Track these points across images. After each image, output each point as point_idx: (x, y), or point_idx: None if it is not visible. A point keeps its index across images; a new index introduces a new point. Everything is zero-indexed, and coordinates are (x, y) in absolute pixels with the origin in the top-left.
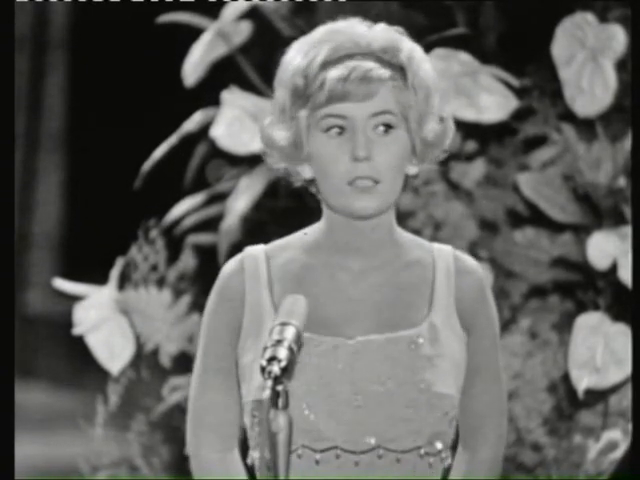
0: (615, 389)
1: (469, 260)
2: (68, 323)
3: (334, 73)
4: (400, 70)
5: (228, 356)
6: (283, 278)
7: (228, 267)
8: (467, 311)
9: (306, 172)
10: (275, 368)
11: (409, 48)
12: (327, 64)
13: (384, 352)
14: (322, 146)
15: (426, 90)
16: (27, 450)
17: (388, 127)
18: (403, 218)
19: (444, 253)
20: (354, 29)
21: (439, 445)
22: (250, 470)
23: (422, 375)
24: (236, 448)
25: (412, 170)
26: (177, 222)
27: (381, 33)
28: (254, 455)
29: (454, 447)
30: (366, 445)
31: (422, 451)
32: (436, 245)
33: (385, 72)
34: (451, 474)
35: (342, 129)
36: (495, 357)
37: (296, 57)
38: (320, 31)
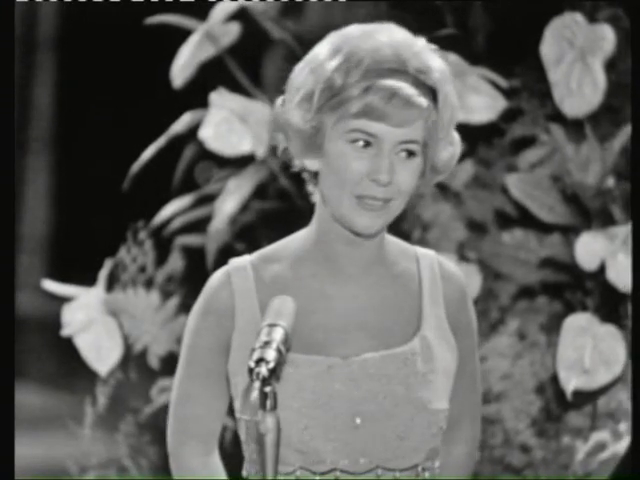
0: (603, 390)
1: (452, 266)
2: (57, 324)
3: (377, 89)
4: (431, 92)
5: (213, 367)
6: (272, 292)
7: (215, 280)
8: (453, 317)
9: (312, 165)
10: (263, 370)
11: (442, 70)
12: (369, 74)
13: (379, 370)
14: (343, 154)
15: (451, 114)
16: (16, 451)
17: (411, 154)
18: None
19: (428, 261)
20: (395, 39)
21: (436, 460)
22: None
23: (418, 392)
24: (216, 451)
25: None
26: (165, 224)
27: (418, 50)
28: (250, 469)
29: None
30: (365, 466)
31: (420, 468)
32: (420, 251)
33: (424, 101)
34: None
35: (368, 144)
36: (474, 361)
37: (335, 54)
38: (360, 31)
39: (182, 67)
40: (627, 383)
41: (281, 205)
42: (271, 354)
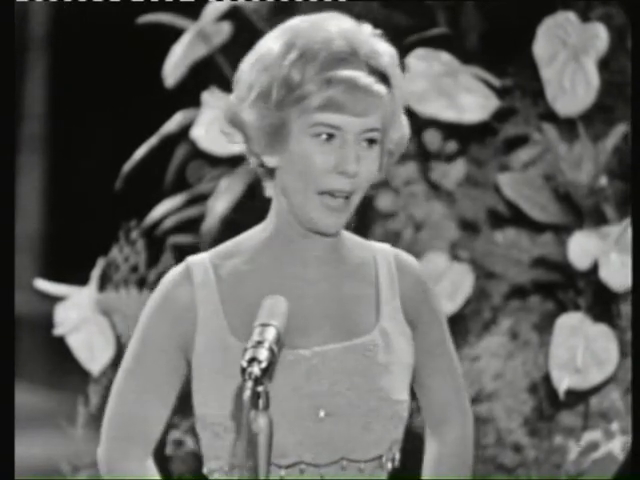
0: (596, 390)
1: (409, 258)
2: (49, 324)
3: (336, 81)
4: (384, 79)
5: (164, 366)
6: (233, 289)
7: (174, 275)
8: (411, 308)
9: (271, 161)
10: (255, 369)
11: (390, 54)
12: (326, 66)
13: (342, 362)
14: (307, 149)
15: (401, 96)
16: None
17: (373, 142)
18: (383, 219)
19: (385, 253)
20: (346, 29)
21: (397, 450)
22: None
23: (380, 383)
24: (151, 458)
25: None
26: (158, 223)
27: (367, 37)
28: (211, 465)
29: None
30: (329, 458)
31: (383, 459)
32: (377, 245)
33: (382, 88)
34: (424, 462)
35: (332, 136)
36: (447, 348)
37: (289, 49)
38: (308, 23)
39: (174, 66)
40: (619, 382)
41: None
42: (263, 354)
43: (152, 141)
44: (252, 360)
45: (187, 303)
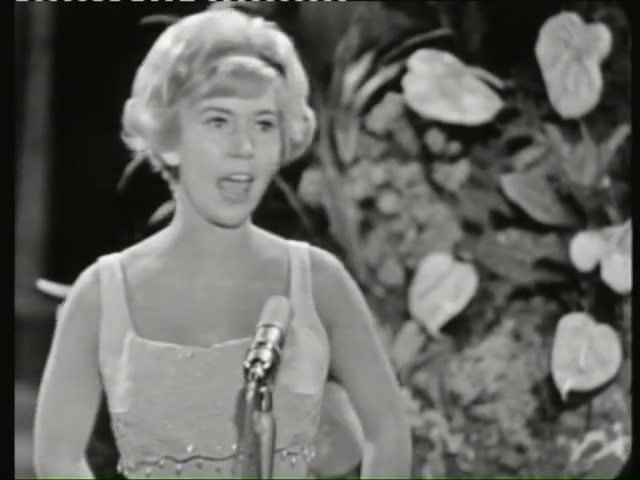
0: (598, 391)
1: (325, 255)
2: (51, 324)
3: (222, 68)
4: (279, 68)
5: (82, 367)
6: (140, 286)
7: (83, 278)
8: (328, 307)
9: (172, 159)
10: (258, 370)
11: (287, 45)
12: (212, 56)
13: (240, 357)
14: (200, 138)
15: (299, 89)
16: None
17: (267, 125)
18: (386, 220)
19: (299, 251)
20: (236, 22)
21: (302, 444)
22: (120, 476)
23: (280, 379)
24: (83, 458)
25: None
26: (162, 224)
27: (261, 28)
28: (126, 463)
29: None
30: (227, 451)
31: (285, 452)
32: (292, 243)
33: (271, 71)
34: (362, 466)
35: (223, 120)
36: (371, 346)
37: (176, 44)
38: (199, 19)
39: None
40: (622, 383)
41: (276, 206)
42: (266, 354)
43: None
44: (255, 361)
45: (94, 303)
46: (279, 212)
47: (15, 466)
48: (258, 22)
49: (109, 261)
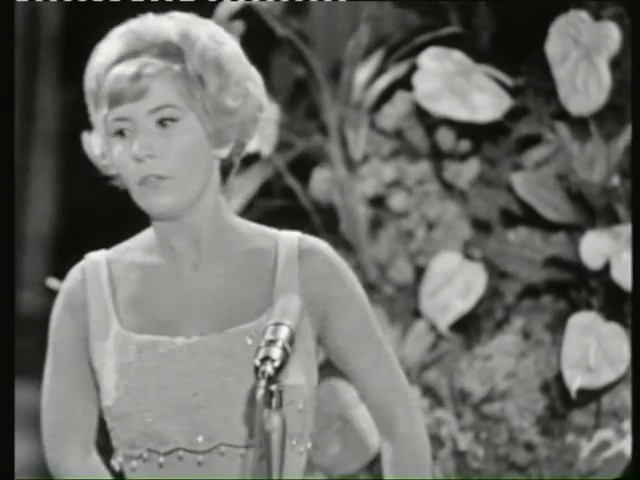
0: (608, 389)
1: (314, 241)
2: None
3: (110, 75)
4: (181, 57)
5: (78, 364)
6: (125, 280)
7: (70, 276)
8: (319, 295)
9: (111, 169)
10: (269, 368)
11: (193, 32)
12: (112, 65)
13: (221, 349)
14: (113, 150)
15: (215, 72)
16: (18, 450)
17: (170, 120)
18: (396, 218)
19: (288, 239)
20: (145, 24)
21: (293, 438)
22: (114, 472)
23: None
24: (94, 451)
25: (222, 153)
26: None
27: (170, 24)
28: (117, 457)
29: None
30: (208, 444)
31: None
32: (282, 233)
33: (156, 65)
34: (382, 464)
35: (124, 129)
36: (371, 333)
37: (94, 57)
38: (117, 29)
39: None
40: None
41: (286, 203)
42: (277, 352)
43: None
44: (265, 359)
45: (80, 299)
46: (289, 210)
47: (24, 465)
48: (173, 18)
49: (95, 257)
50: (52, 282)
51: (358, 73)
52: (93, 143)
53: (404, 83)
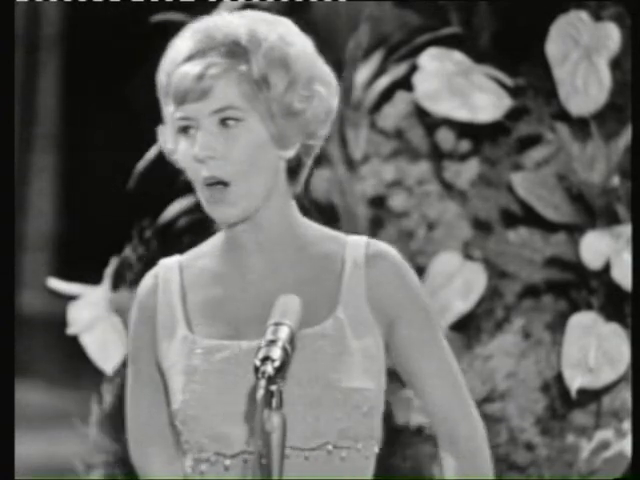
0: (608, 389)
1: (382, 247)
2: (62, 323)
3: (177, 73)
4: (246, 57)
5: (152, 369)
6: (196, 285)
7: (144, 283)
8: (386, 300)
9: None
10: (269, 368)
11: (261, 32)
12: (181, 63)
13: None
14: (179, 147)
15: (281, 72)
16: (21, 449)
17: (233, 120)
18: (396, 218)
19: (356, 244)
20: (217, 23)
21: (354, 439)
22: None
23: (326, 372)
24: (178, 462)
25: (287, 154)
26: (172, 222)
27: (241, 22)
28: (187, 462)
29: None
30: None
31: (330, 446)
32: (351, 237)
33: (221, 66)
34: (444, 476)
35: (188, 128)
36: (436, 341)
37: (167, 52)
38: (192, 25)
39: None
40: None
41: None
42: (277, 352)
43: None
44: (265, 359)
45: (152, 308)
46: None
47: (28, 464)
48: (245, 16)
49: (168, 263)
50: (52, 282)
51: (358, 73)
52: (166, 137)
53: (404, 83)
